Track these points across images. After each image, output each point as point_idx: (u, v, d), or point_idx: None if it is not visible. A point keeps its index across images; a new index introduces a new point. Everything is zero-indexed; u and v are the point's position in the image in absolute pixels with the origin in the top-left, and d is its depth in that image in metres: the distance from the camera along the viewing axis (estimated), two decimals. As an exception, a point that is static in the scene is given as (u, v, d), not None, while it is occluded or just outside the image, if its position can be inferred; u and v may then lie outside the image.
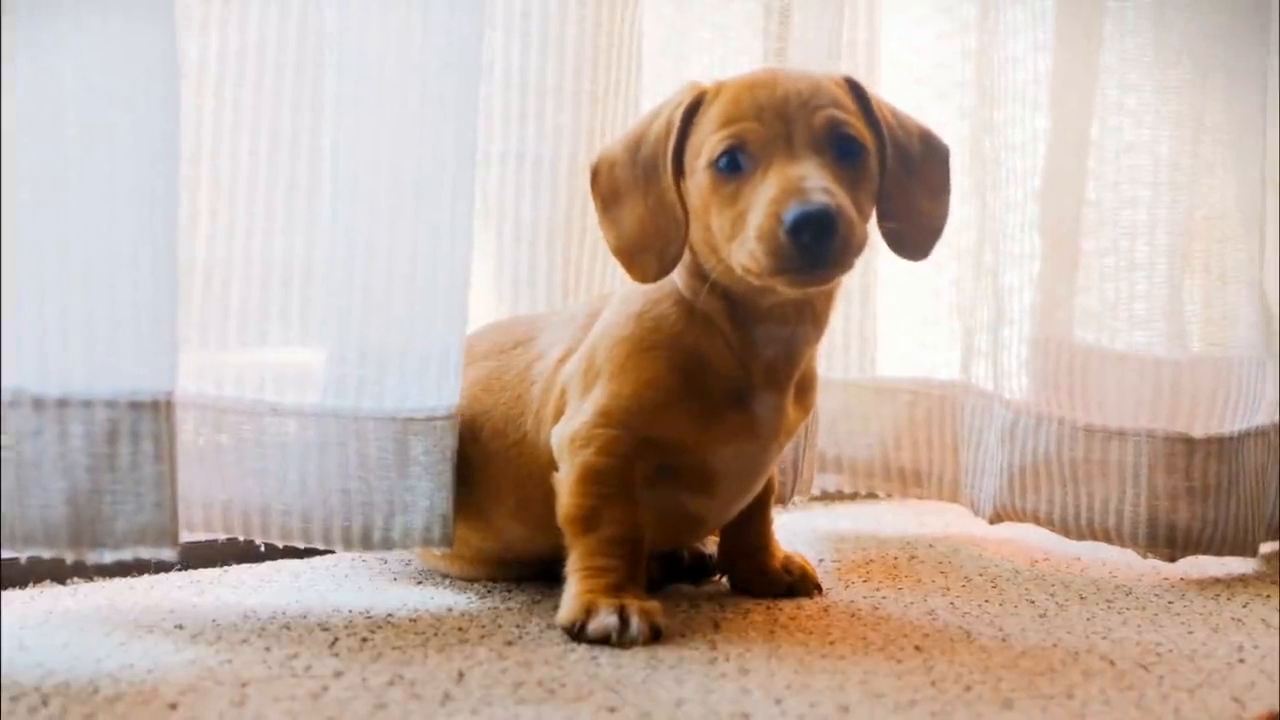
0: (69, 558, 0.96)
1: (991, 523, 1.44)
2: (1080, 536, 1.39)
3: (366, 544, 1.11)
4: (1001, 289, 1.43)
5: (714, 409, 1.07)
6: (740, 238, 0.99)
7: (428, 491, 1.11)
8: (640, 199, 1.06)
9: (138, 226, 0.97)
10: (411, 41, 1.09)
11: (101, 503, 0.96)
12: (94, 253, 0.96)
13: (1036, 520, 1.41)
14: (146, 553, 0.97)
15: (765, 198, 0.98)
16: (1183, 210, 1.39)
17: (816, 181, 0.97)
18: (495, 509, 1.16)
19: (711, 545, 1.26)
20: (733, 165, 1.01)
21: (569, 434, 1.07)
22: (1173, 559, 1.36)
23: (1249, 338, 1.41)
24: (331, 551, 1.25)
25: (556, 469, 1.08)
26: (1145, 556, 1.37)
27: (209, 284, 1.10)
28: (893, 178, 1.07)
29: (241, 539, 1.12)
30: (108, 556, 0.96)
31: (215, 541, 1.23)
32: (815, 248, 0.96)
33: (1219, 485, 1.35)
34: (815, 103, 1.02)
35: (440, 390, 1.12)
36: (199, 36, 1.09)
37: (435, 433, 1.11)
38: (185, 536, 1.17)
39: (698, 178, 1.04)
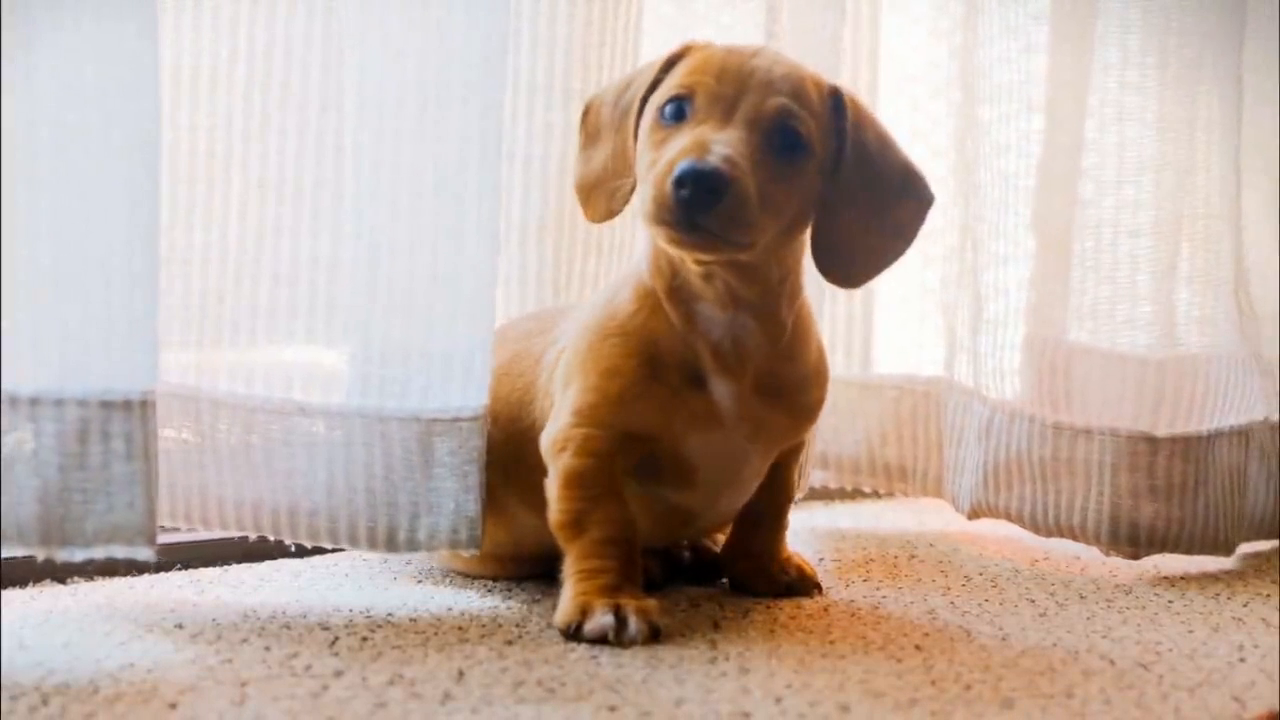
0: (39, 555, 0.95)
1: (970, 518, 1.45)
2: (1048, 533, 1.38)
3: (392, 545, 1.11)
4: (982, 287, 1.43)
5: (674, 393, 1.07)
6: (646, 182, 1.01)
7: (453, 493, 1.11)
8: (610, 139, 1.09)
9: (115, 226, 0.96)
10: (435, 41, 1.08)
11: (71, 501, 0.95)
12: (69, 252, 0.95)
13: (1009, 517, 1.41)
14: (120, 552, 0.96)
15: (675, 149, 0.99)
16: (1171, 209, 1.39)
17: (722, 149, 0.98)
18: (507, 494, 1.15)
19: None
20: (676, 114, 1.03)
21: (551, 438, 1.08)
22: (1136, 557, 1.35)
23: (1225, 336, 1.40)
24: (329, 550, 1.25)
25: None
26: (1108, 554, 1.36)
27: (239, 284, 1.11)
28: (844, 195, 1.06)
29: (271, 538, 1.12)
30: (78, 555, 0.96)
31: (214, 540, 1.22)
32: (694, 206, 0.96)
33: (1184, 484, 1.34)
34: (777, 87, 1.02)
35: (465, 391, 1.11)
36: (229, 38, 1.09)
37: (460, 434, 1.10)
38: (217, 534, 1.18)
39: (645, 120, 1.05)
